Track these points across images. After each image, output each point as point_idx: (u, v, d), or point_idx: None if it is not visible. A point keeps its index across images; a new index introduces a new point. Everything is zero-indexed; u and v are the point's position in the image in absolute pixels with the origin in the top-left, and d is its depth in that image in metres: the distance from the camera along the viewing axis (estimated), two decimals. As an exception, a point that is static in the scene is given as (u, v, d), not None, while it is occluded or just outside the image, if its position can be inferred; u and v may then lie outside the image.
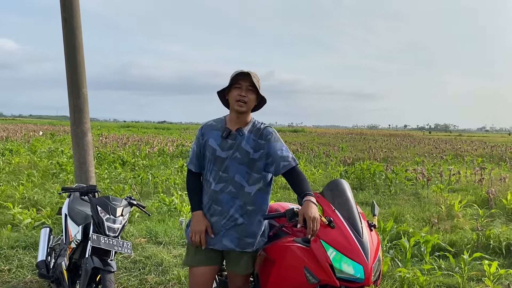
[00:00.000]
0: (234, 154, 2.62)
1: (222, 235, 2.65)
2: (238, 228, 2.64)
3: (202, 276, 2.69)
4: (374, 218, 2.60)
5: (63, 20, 5.54)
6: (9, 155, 14.69)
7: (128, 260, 4.85)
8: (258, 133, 2.67)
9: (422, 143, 34.02)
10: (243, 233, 2.65)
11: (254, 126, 2.71)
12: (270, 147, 2.62)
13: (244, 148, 2.62)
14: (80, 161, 5.61)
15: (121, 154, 14.95)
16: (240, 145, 2.63)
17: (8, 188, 8.60)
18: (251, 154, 2.62)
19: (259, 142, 2.65)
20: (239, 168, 2.62)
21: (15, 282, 4.26)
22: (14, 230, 5.85)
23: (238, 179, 2.62)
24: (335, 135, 49.64)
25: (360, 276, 2.21)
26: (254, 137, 2.65)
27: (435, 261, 5.04)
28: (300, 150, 21.78)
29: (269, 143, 2.63)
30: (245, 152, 2.62)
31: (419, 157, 19.42)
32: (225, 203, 2.63)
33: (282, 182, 11.17)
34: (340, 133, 57.02)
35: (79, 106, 5.59)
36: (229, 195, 2.62)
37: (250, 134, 2.66)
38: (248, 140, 2.64)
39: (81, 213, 3.68)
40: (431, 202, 8.95)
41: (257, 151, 2.64)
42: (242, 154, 2.62)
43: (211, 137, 2.70)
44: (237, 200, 2.63)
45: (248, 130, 2.68)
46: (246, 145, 2.63)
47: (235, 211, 2.63)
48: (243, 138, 2.64)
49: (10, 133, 27.56)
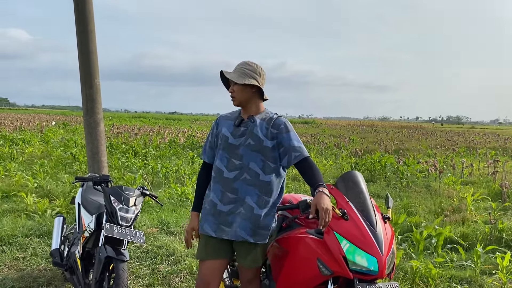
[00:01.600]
0: (247, 141, 2.63)
1: (237, 225, 2.61)
2: (254, 218, 2.60)
3: (211, 269, 2.67)
4: (388, 210, 2.58)
5: (75, 11, 5.55)
6: (23, 145, 14.87)
7: (140, 250, 4.89)
8: (271, 122, 2.65)
9: (434, 135, 33.74)
10: (258, 224, 2.61)
11: (267, 115, 2.71)
12: (283, 137, 2.61)
13: (256, 135, 2.62)
14: (93, 151, 5.65)
15: (133, 145, 15.05)
16: (252, 131, 2.63)
17: (22, 177, 8.71)
18: (264, 141, 2.61)
19: (271, 131, 2.63)
20: (253, 155, 2.61)
21: (30, 270, 4.32)
22: (28, 219, 5.93)
23: (253, 166, 2.61)
24: (346, 127, 49.44)
25: (374, 269, 2.20)
26: (266, 125, 2.64)
27: (447, 254, 5.01)
28: (311, 141, 21.72)
29: (281, 133, 2.62)
30: (258, 139, 2.61)
31: (431, 149, 19.27)
32: (240, 191, 2.61)
33: (293, 174, 11.16)
34: (351, 125, 56.76)
35: (91, 96, 5.61)
36: (244, 183, 2.61)
37: (262, 122, 2.66)
38: (260, 127, 2.64)
39: (94, 202, 3.71)
40: (443, 194, 8.88)
41: (270, 140, 2.62)
42: (255, 141, 2.61)
43: (224, 126, 2.73)
44: (253, 188, 2.60)
45: (261, 118, 2.68)
46: (259, 132, 2.62)
47: (251, 200, 2.60)
48: (255, 125, 2.64)
49: (23, 123, 27.88)
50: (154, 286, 4.09)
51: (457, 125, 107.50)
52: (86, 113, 5.66)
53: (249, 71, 2.64)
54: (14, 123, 26.94)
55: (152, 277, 4.26)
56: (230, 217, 2.62)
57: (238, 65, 2.68)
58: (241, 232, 2.60)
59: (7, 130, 21.20)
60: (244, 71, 2.64)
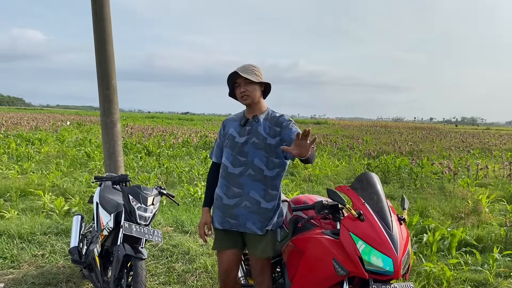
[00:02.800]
0: (252, 139, 2.80)
1: (244, 218, 2.79)
2: (262, 211, 2.78)
3: (226, 259, 2.88)
4: (404, 211, 2.60)
5: (93, 13, 5.64)
6: (39, 144, 15.11)
7: (156, 248, 4.96)
8: (274, 121, 2.82)
9: (448, 136, 33.41)
10: (267, 217, 2.79)
11: (270, 115, 2.88)
12: (285, 133, 2.75)
13: (260, 133, 2.79)
14: (110, 151, 5.74)
15: (147, 145, 15.19)
16: (256, 130, 2.81)
17: (39, 176, 8.87)
18: (268, 139, 2.78)
19: (275, 129, 2.79)
20: (257, 152, 2.78)
21: (49, 267, 4.42)
22: (46, 217, 6.04)
23: (257, 163, 2.78)
24: (359, 128, 49.17)
25: (389, 269, 2.22)
26: (269, 124, 2.82)
27: (462, 256, 4.99)
28: (323, 142, 21.68)
29: (283, 129, 2.77)
30: (262, 137, 2.78)
31: (445, 151, 19.10)
32: (245, 186, 2.78)
33: (305, 174, 11.17)
34: (364, 126, 56.44)
35: (108, 97, 5.70)
36: (249, 178, 2.78)
37: (265, 121, 2.84)
38: (264, 126, 2.82)
39: (112, 201, 3.78)
40: (458, 196, 8.82)
41: (273, 137, 2.78)
42: (259, 139, 2.79)
43: (231, 127, 2.94)
44: (257, 183, 2.78)
45: (264, 118, 2.86)
46: (262, 130, 2.80)
47: (257, 194, 2.78)
48: (259, 124, 2.82)
49: (39, 122, 28.28)
50: (170, 285, 4.15)
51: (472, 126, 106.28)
52: (103, 114, 5.75)
53: (258, 73, 2.85)
54: (30, 122, 27.35)
55: (168, 275, 4.33)
56: (235, 210, 2.80)
57: (245, 67, 2.84)
58: (251, 225, 2.79)
59: (24, 129, 21.55)
60: (254, 72, 2.83)
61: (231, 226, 2.83)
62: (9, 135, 17.05)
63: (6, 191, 7.46)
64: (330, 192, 2.49)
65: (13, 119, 31.72)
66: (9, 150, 12.68)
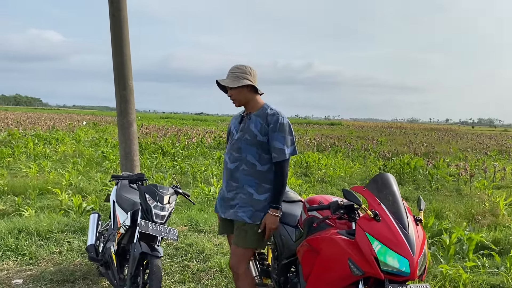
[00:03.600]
0: (244, 136, 2.97)
1: (237, 208, 3.01)
2: (254, 202, 2.97)
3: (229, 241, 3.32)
4: (420, 212, 2.58)
5: (110, 15, 5.72)
6: (55, 144, 15.34)
7: (171, 247, 5.01)
8: (265, 118, 2.94)
9: (464, 138, 32.99)
10: (258, 208, 2.97)
11: (263, 111, 2.98)
12: (271, 136, 2.91)
13: (251, 130, 2.95)
14: (126, 151, 5.81)
15: (162, 145, 15.31)
16: (248, 127, 2.97)
17: (56, 175, 9.01)
18: (258, 136, 2.93)
19: (265, 126, 2.93)
20: (249, 148, 2.95)
21: (66, 264, 4.49)
22: (63, 215, 6.13)
23: (249, 158, 2.96)
24: (373, 129, 48.82)
25: (406, 270, 2.22)
26: (261, 121, 2.95)
27: (478, 259, 4.93)
28: (338, 143, 21.58)
29: (271, 131, 2.91)
30: (253, 134, 2.94)
31: (462, 153, 18.87)
32: (240, 180, 2.98)
33: (319, 175, 11.15)
34: (378, 127, 56.02)
35: (125, 97, 5.77)
36: (243, 173, 2.97)
37: (257, 118, 2.97)
38: (255, 123, 2.96)
39: (129, 200, 3.83)
40: (474, 199, 8.71)
41: (264, 135, 2.93)
42: (250, 136, 2.95)
43: (233, 124, 3.16)
44: (251, 177, 2.96)
45: (256, 114, 2.99)
46: (253, 127, 2.95)
47: (251, 188, 2.97)
48: (251, 121, 2.98)
49: (55, 122, 28.69)
50: (184, 283, 4.19)
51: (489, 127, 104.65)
52: (120, 114, 5.82)
53: (240, 73, 2.95)
54: (47, 122, 27.78)
55: (182, 274, 4.36)
56: (233, 201, 3.03)
57: (230, 71, 2.99)
58: (242, 214, 2.99)
59: (41, 129, 21.89)
60: (236, 74, 2.95)
61: (229, 216, 3.07)
62: (27, 135, 17.34)
63: (25, 189, 7.60)
64: (346, 192, 2.49)
65: (31, 119, 32.25)
66: (27, 149, 12.91)
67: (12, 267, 4.38)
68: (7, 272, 4.23)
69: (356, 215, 2.61)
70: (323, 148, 19.21)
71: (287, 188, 3.75)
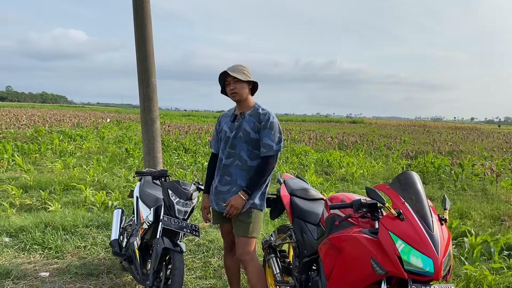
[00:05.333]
0: (238, 134, 3.18)
1: None
2: None
3: (221, 231, 3.52)
4: (445, 212, 2.54)
5: (134, 13, 5.79)
6: (80, 140, 15.63)
7: (192, 243, 5.05)
8: (258, 117, 3.16)
9: (490, 137, 32.24)
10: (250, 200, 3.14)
11: (255, 111, 3.20)
12: (262, 132, 3.13)
13: (245, 129, 3.16)
14: (149, 147, 5.88)
15: (184, 142, 15.44)
16: (242, 126, 3.18)
17: (80, 171, 9.18)
18: (251, 134, 3.15)
19: (258, 124, 3.15)
20: (243, 145, 3.17)
21: (90, 258, 4.58)
22: (87, 210, 6.26)
23: (242, 154, 3.18)
24: (396, 127, 48.15)
25: (430, 270, 2.18)
26: (254, 120, 3.17)
27: (504, 260, 4.82)
28: (360, 141, 21.37)
29: (262, 128, 3.13)
30: (246, 132, 3.15)
31: (487, 152, 18.45)
32: (234, 174, 3.19)
33: (340, 173, 11.06)
34: (401, 125, 55.21)
35: (148, 95, 5.84)
36: (237, 168, 3.19)
37: (250, 117, 3.19)
38: (248, 122, 3.17)
39: (152, 196, 3.87)
40: (500, 199, 8.51)
41: (256, 133, 3.15)
42: (244, 134, 3.16)
43: (224, 123, 3.35)
44: (243, 172, 3.17)
45: (249, 114, 3.20)
46: (247, 126, 3.16)
47: (243, 182, 3.16)
48: (244, 120, 3.19)
49: (80, 119, 29.24)
50: (206, 279, 4.22)
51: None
52: (143, 111, 5.89)
53: (246, 72, 3.20)
54: (72, 119, 28.31)
55: (204, 270, 4.40)
56: (227, 195, 3.20)
57: (234, 67, 3.19)
58: None
59: (66, 126, 22.35)
60: (243, 71, 3.18)
61: (221, 209, 3.23)
62: (52, 131, 17.73)
63: (50, 184, 7.78)
64: (369, 190, 2.46)
65: (57, 116, 32.95)
66: (52, 146, 13.19)
67: (39, 260, 4.50)
68: (34, 265, 4.35)
69: (379, 213, 2.58)
70: (345, 146, 19.06)
71: (309, 186, 3.74)
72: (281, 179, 3.85)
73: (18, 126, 20.29)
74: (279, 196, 3.59)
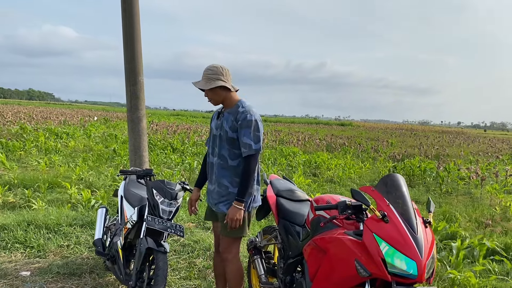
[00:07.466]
0: (219, 132, 3.16)
1: (218, 200, 3.19)
2: (230, 196, 3.13)
3: (213, 227, 3.53)
4: (430, 214, 2.54)
5: (122, 11, 5.72)
6: (66, 138, 15.46)
7: (177, 244, 5.01)
8: (235, 115, 3.07)
9: (476, 141, 32.62)
10: (233, 200, 3.08)
11: (236, 108, 3.11)
12: (240, 132, 3.04)
13: (224, 128, 3.11)
14: (135, 146, 5.82)
15: (171, 141, 15.35)
16: (222, 125, 3.13)
17: (66, 169, 9.07)
18: (229, 133, 3.08)
19: (235, 124, 3.07)
20: (224, 144, 3.12)
21: (73, 258, 4.51)
22: (71, 209, 6.17)
23: (223, 153, 3.14)
24: (384, 130, 48.49)
25: (413, 272, 2.18)
26: (232, 118, 3.08)
27: (488, 264, 4.85)
28: (347, 144, 21.47)
29: (240, 127, 3.04)
30: (225, 131, 3.10)
31: (473, 156, 18.65)
32: (218, 173, 3.17)
33: (328, 175, 11.09)
34: (389, 128, 55.62)
35: (135, 93, 5.78)
36: (220, 167, 3.16)
37: (229, 115, 3.11)
38: (227, 121, 3.10)
39: (136, 195, 3.83)
40: (485, 203, 8.61)
41: (234, 132, 3.07)
42: (223, 133, 3.11)
43: (212, 120, 3.33)
44: (225, 171, 3.14)
45: (228, 112, 3.13)
46: (226, 125, 3.10)
47: (226, 181, 3.14)
48: (224, 119, 3.13)
49: (67, 117, 28.92)
50: (190, 280, 4.18)
51: (501, 131, 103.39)
52: (130, 109, 5.83)
53: (212, 75, 3.07)
54: (59, 117, 27.99)
55: (188, 270, 4.37)
56: (214, 194, 3.21)
57: (203, 72, 3.12)
58: (222, 206, 3.17)
59: (53, 124, 22.08)
60: (209, 76, 3.07)
61: (211, 206, 3.27)
62: (38, 129, 17.50)
63: (35, 182, 7.66)
64: (354, 192, 2.46)
65: (43, 113, 32.52)
66: (38, 143, 13.02)
67: (20, 259, 4.42)
68: (15, 264, 4.27)
69: (364, 215, 2.57)
70: (332, 148, 19.13)
71: (295, 187, 3.73)
72: (268, 180, 3.84)
73: (3, 123, 19.98)
74: (265, 196, 3.58)
